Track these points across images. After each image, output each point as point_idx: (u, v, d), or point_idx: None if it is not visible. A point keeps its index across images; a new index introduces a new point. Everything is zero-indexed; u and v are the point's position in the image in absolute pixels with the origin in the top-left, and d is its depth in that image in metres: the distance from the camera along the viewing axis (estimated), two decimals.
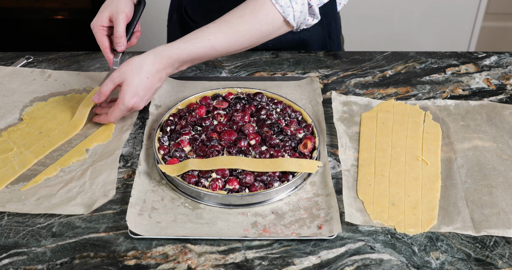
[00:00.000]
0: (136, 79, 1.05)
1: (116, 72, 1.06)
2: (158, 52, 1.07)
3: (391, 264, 0.88)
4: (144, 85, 1.07)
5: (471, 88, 1.26)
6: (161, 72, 1.08)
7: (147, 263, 0.88)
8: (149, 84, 1.07)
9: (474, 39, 2.55)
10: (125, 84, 1.06)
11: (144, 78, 1.06)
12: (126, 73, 1.05)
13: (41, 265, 0.88)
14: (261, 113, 1.12)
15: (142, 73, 1.06)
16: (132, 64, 1.06)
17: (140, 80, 1.06)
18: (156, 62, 1.06)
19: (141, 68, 1.05)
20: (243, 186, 0.98)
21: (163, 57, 1.07)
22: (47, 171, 1.04)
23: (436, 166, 1.05)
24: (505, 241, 0.92)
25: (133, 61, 1.06)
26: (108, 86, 1.08)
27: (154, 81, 1.08)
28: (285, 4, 1.09)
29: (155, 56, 1.06)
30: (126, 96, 1.06)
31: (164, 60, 1.07)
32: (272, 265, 0.88)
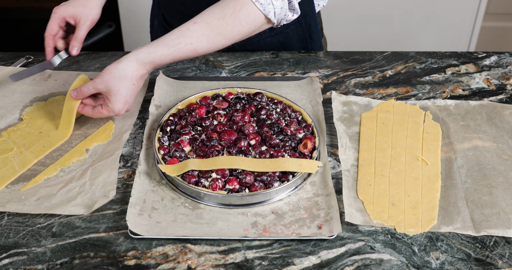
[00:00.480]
0: (123, 87, 1.05)
1: (99, 79, 1.05)
2: (141, 59, 1.05)
3: (391, 264, 0.88)
4: (132, 91, 1.07)
5: (471, 88, 1.26)
6: (144, 75, 1.08)
7: (147, 263, 0.88)
8: (135, 89, 1.07)
9: (474, 39, 2.55)
10: (113, 94, 1.05)
11: (130, 85, 1.06)
12: (110, 82, 1.04)
13: (41, 265, 0.88)
14: (261, 113, 1.12)
15: (128, 80, 1.05)
16: (115, 72, 1.04)
17: (127, 88, 1.05)
18: (140, 69, 1.06)
19: (126, 76, 1.04)
20: (243, 186, 0.98)
21: (146, 64, 1.06)
22: (47, 171, 1.04)
23: (436, 166, 1.05)
24: (505, 241, 0.92)
25: (115, 69, 1.04)
26: (90, 90, 1.07)
27: (139, 84, 1.08)
28: (265, 2, 1.08)
29: (137, 63, 1.05)
30: (116, 106, 1.06)
31: (148, 66, 1.06)
32: (272, 265, 0.88)
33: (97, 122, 1.16)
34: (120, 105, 1.06)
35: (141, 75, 1.07)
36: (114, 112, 1.06)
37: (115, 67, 1.05)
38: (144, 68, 1.06)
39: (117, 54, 1.38)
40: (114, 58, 1.35)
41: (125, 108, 1.07)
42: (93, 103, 1.11)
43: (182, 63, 1.34)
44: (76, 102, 1.10)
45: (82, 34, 1.16)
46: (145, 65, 1.06)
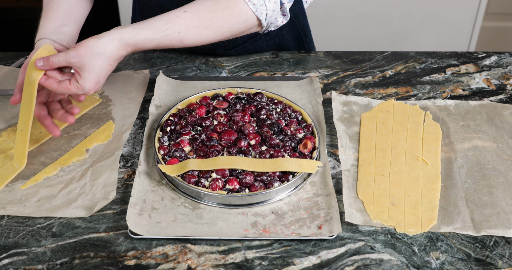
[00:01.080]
0: (98, 65, 0.97)
1: (74, 52, 0.96)
2: (124, 40, 0.99)
3: (391, 264, 0.88)
4: (106, 71, 0.99)
5: (471, 88, 1.26)
6: (122, 57, 1.02)
7: (147, 263, 0.88)
8: (110, 70, 1.00)
9: (474, 39, 2.54)
10: (86, 70, 0.97)
11: (106, 64, 0.98)
12: (86, 57, 0.96)
13: (41, 265, 0.88)
14: (261, 113, 1.12)
15: (105, 59, 0.98)
16: (93, 47, 0.97)
17: (102, 66, 0.98)
18: (120, 49, 1.00)
19: (104, 54, 0.97)
20: (243, 186, 0.98)
21: (128, 45, 1.00)
22: (47, 170, 1.04)
23: (436, 166, 1.05)
24: (505, 241, 0.92)
25: (94, 44, 0.97)
26: (61, 61, 0.97)
27: (114, 65, 1.01)
28: (258, 3, 1.06)
29: (119, 42, 0.99)
30: (87, 84, 0.98)
31: (130, 48, 1.01)
32: (272, 265, 0.88)
33: (97, 122, 1.16)
34: (91, 84, 0.98)
35: (120, 56, 1.01)
36: (83, 90, 0.98)
37: (94, 42, 0.97)
38: (125, 49, 1.00)
39: None
40: None
41: (95, 88, 0.99)
42: (59, 77, 1.01)
43: (182, 63, 1.34)
44: (39, 73, 0.99)
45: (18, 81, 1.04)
46: (127, 47, 1.00)
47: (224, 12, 1.05)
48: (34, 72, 0.99)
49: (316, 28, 1.63)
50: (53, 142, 1.11)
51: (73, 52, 0.97)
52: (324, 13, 2.38)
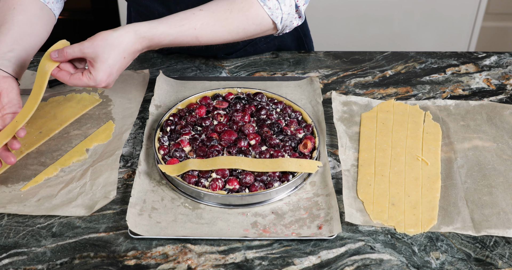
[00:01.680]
0: (112, 57, 0.96)
1: (88, 42, 0.95)
2: (140, 33, 0.98)
3: (391, 264, 0.88)
4: (120, 65, 0.97)
5: (471, 88, 1.26)
6: (137, 52, 1.00)
7: (147, 263, 0.88)
8: (123, 64, 0.98)
9: (474, 39, 2.55)
10: (99, 61, 0.95)
11: (120, 57, 0.97)
12: (100, 48, 0.95)
13: (41, 265, 0.88)
14: (261, 113, 1.12)
15: (119, 51, 0.96)
16: (109, 38, 0.96)
17: (116, 59, 0.96)
18: (136, 43, 0.98)
19: (119, 46, 0.96)
20: (243, 186, 0.98)
21: (144, 39, 0.99)
22: (47, 171, 1.04)
23: (436, 166, 1.05)
24: (505, 241, 0.92)
25: (110, 36, 0.96)
26: (75, 52, 0.96)
27: (128, 61, 0.99)
28: (273, 6, 1.06)
29: (135, 35, 0.98)
30: (99, 74, 0.96)
31: (145, 42, 0.99)
32: (272, 265, 0.88)
33: (97, 122, 1.16)
34: (103, 75, 0.96)
35: (135, 50, 0.99)
36: (95, 82, 0.96)
37: (109, 34, 0.96)
38: (141, 43, 0.99)
39: None
40: None
41: (107, 80, 0.97)
42: (71, 70, 0.99)
43: (182, 63, 1.34)
44: (53, 65, 0.98)
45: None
46: (143, 40, 0.99)
47: (240, 13, 1.05)
48: (48, 64, 0.98)
49: (316, 28, 1.63)
50: (53, 142, 1.11)
51: (88, 43, 0.96)
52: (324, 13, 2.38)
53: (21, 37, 1.05)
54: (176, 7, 1.16)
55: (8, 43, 1.03)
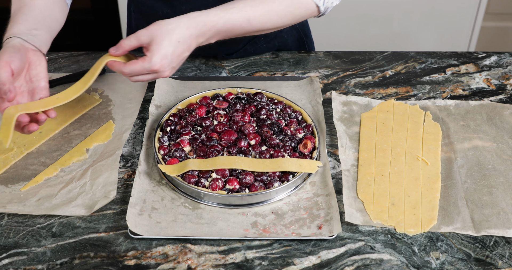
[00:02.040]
0: (167, 40, 0.96)
1: (144, 31, 0.97)
2: (193, 17, 0.99)
3: (391, 264, 0.88)
4: (174, 48, 0.97)
5: (471, 88, 1.26)
6: (192, 39, 0.99)
7: (147, 263, 0.88)
8: (179, 50, 0.98)
9: (474, 39, 2.55)
10: (154, 43, 0.96)
11: (175, 41, 0.97)
12: (155, 32, 0.96)
13: (41, 265, 0.88)
14: (261, 113, 1.12)
15: (174, 35, 0.97)
16: (163, 25, 0.97)
17: (171, 42, 0.96)
18: (190, 27, 0.98)
19: (173, 30, 0.97)
20: (243, 186, 0.98)
21: (198, 23, 0.99)
22: (47, 171, 1.04)
23: (436, 166, 1.05)
24: (505, 241, 0.92)
25: (164, 22, 0.97)
26: (131, 41, 0.97)
27: (184, 47, 0.99)
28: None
29: (189, 20, 0.98)
30: (154, 56, 0.96)
31: (199, 26, 0.99)
32: (272, 265, 0.88)
33: (97, 122, 1.16)
34: (158, 57, 0.96)
35: (189, 35, 0.98)
36: (149, 63, 0.96)
37: (164, 21, 0.98)
38: (195, 28, 0.99)
39: None
40: None
41: (162, 63, 0.96)
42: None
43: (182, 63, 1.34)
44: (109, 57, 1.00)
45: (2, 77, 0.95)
46: (197, 24, 0.99)
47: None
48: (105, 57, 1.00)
49: (316, 28, 1.63)
50: (53, 142, 1.11)
51: (144, 31, 0.97)
52: None
53: (43, 18, 1.07)
54: (181, 7, 1.16)
55: (31, 22, 1.05)
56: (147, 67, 0.96)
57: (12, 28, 1.03)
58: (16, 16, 1.05)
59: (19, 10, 1.07)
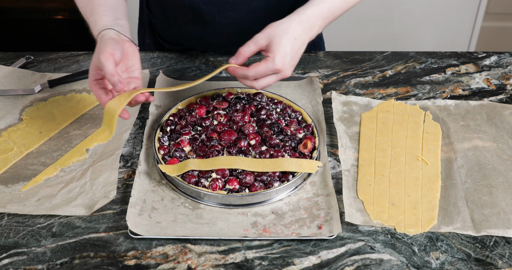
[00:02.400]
0: (284, 39, 0.99)
1: (260, 34, 1.00)
2: (301, 12, 1.02)
3: (391, 264, 0.88)
4: (292, 46, 1.00)
5: (471, 88, 1.26)
6: (306, 33, 1.02)
7: (147, 263, 0.88)
8: (296, 46, 1.00)
9: (474, 39, 2.55)
10: (274, 43, 0.98)
11: (292, 38, 0.99)
12: (272, 33, 0.99)
13: (41, 265, 0.88)
14: (261, 113, 1.12)
15: (290, 32, 0.99)
16: (277, 25, 1.00)
17: (289, 40, 0.99)
18: (302, 22, 1.01)
19: (288, 28, 0.99)
20: (243, 186, 0.98)
21: (308, 16, 1.02)
22: (47, 171, 1.04)
23: (436, 166, 1.05)
24: (505, 241, 0.92)
25: (277, 23, 1.00)
26: (250, 47, 1.00)
27: (300, 43, 1.01)
28: None
29: (299, 16, 1.01)
30: (276, 55, 0.98)
31: (309, 18, 1.02)
32: (272, 265, 0.88)
33: (97, 122, 1.16)
34: (280, 56, 0.98)
35: (303, 30, 1.01)
36: (273, 63, 0.98)
37: (276, 22, 1.01)
38: (306, 21, 1.01)
39: None
40: None
41: (283, 61, 0.99)
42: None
43: (182, 63, 1.34)
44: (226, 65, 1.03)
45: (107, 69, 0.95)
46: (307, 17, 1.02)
47: None
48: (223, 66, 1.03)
49: None
50: (53, 142, 1.11)
51: (260, 34, 1.00)
52: None
53: (118, 6, 1.11)
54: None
55: (111, 12, 1.08)
56: (271, 67, 0.98)
57: (100, 21, 1.06)
58: (94, 8, 1.08)
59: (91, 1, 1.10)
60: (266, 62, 0.98)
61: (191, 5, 1.22)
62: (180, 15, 1.25)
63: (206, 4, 1.20)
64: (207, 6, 1.20)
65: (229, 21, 1.24)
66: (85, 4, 1.11)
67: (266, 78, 1.00)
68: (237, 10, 1.23)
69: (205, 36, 1.29)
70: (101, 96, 0.99)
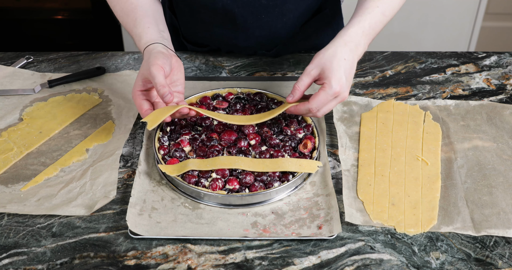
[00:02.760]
0: (335, 62, 1.00)
1: (310, 65, 1.01)
2: (343, 33, 1.04)
3: (391, 264, 0.88)
4: (344, 67, 1.00)
5: (471, 88, 1.26)
6: (353, 52, 1.03)
7: (147, 263, 0.88)
8: (348, 67, 1.01)
9: (474, 39, 2.55)
10: (326, 70, 0.99)
11: (341, 60, 1.00)
12: (321, 61, 1.01)
13: (41, 265, 0.88)
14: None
15: (338, 55, 1.01)
16: (324, 52, 1.02)
17: (339, 62, 1.00)
18: (347, 42, 1.03)
19: (335, 52, 1.01)
20: (243, 186, 0.98)
21: (351, 36, 1.03)
22: (47, 171, 1.04)
23: (436, 166, 1.05)
24: (505, 241, 0.92)
25: (323, 50, 1.02)
26: (304, 81, 1.01)
27: (350, 63, 1.02)
28: None
29: (342, 37, 1.03)
30: (332, 80, 0.99)
31: (353, 38, 1.03)
32: (272, 265, 0.88)
33: (97, 122, 1.16)
34: (336, 80, 0.99)
35: (350, 50, 1.02)
36: (331, 88, 0.99)
37: (322, 50, 1.03)
38: (351, 41, 1.03)
39: (117, 54, 1.38)
40: (114, 58, 1.36)
41: (341, 84, 0.99)
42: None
43: (182, 63, 1.34)
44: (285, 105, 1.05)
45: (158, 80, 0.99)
46: (350, 37, 1.03)
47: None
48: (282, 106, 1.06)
49: None
50: (53, 142, 1.12)
51: (310, 65, 1.01)
52: None
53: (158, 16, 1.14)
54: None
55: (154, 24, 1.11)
56: (330, 93, 0.99)
57: (145, 34, 1.09)
58: (137, 20, 1.11)
59: (134, 11, 1.12)
60: (324, 90, 0.99)
61: (224, 7, 1.22)
62: (210, 17, 1.26)
63: (239, 7, 1.21)
64: (240, 9, 1.21)
65: (260, 24, 1.25)
66: (126, 14, 1.13)
67: (327, 105, 1.01)
68: (269, 13, 1.23)
69: (234, 38, 1.29)
70: (143, 106, 1.03)
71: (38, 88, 1.24)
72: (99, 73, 1.29)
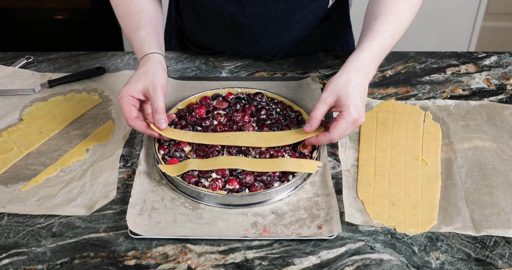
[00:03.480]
0: (350, 89, 1.00)
1: (325, 93, 1.01)
2: (354, 59, 1.04)
3: (391, 264, 0.88)
4: (359, 93, 1.01)
5: (471, 88, 1.26)
6: (365, 77, 1.04)
7: (147, 263, 0.88)
8: (362, 92, 1.02)
9: (474, 39, 2.55)
10: (342, 97, 1.00)
11: (356, 85, 1.01)
12: (336, 87, 1.01)
13: (41, 265, 0.88)
14: (261, 113, 1.12)
15: (352, 81, 1.01)
16: (337, 79, 1.02)
17: (355, 88, 1.01)
18: (359, 67, 1.03)
19: (349, 78, 1.01)
20: (243, 186, 0.98)
21: (362, 61, 1.04)
22: (47, 171, 1.04)
23: (436, 166, 1.05)
24: (505, 241, 0.92)
25: (336, 77, 1.02)
26: (320, 109, 1.01)
27: (364, 88, 1.03)
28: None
29: (353, 63, 1.04)
30: (350, 107, 0.99)
31: (364, 63, 1.04)
32: (272, 265, 0.88)
33: (97, 122, 1.16)
34: (353, 107, 0.99)
35: (362, 75, 1.03)
36: (349, 115, 0.99)
37: (334, 76, 1.03)
38: (363, 65, 1.04)
39: (117, 54, 1.38)
40: (114, 58, 1.36)
41: (358, 110, 1.00)
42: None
43: (182, 63, 1.34)
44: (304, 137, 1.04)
45: (160, 104, 1.01)
46: (362, 63, 1.04)
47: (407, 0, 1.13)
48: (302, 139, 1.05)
49: None
50: (53, 142, 1.11)
51: (325, 93, 1.02)
52: None
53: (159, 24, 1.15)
54: (251, 8, 1.18)
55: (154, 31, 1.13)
56: (350, 120, 1.00)
57: (146, 41, 1.09)
58: (140, 24, 1.12)
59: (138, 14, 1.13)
60: (344, 118, 0.99)
61: (231, 16, 1.22)
62: (216, 24, 1.26)
63: (246, 17, 1.21)
64: (247, 19, 1.21)
65: (265, 33, 1.25)
66: (128, 16, 1.14)
67: (346, 132, 1.02)
68: (276, 24, 1.23)
69: (238, 45, 1.30)
70: (132, 113, 1.02)
71: (38, 88, 1.24)
72: (99, 73, 1.29)
